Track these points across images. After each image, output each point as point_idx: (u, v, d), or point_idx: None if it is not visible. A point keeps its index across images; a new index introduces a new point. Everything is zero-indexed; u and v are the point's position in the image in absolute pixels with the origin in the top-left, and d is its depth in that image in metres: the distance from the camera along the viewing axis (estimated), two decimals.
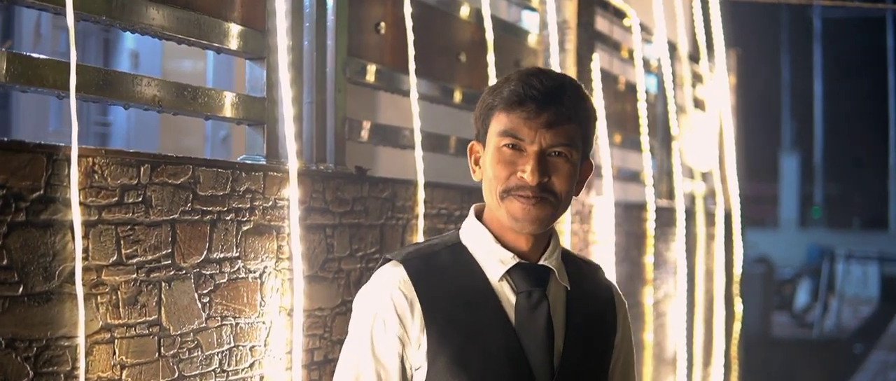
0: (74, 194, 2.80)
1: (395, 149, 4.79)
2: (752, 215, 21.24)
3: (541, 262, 2.31)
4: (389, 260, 2.31)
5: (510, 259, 2.28)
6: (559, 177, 2.23)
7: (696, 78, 9.89)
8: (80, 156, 2.83)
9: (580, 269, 2.44)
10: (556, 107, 2.21)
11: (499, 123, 2.24)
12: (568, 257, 2.42)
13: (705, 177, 10.05)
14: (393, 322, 2.23)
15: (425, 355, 2.21)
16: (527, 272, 2.29)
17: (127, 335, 3.01)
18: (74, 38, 2.91)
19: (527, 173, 2.20)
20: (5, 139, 2.69)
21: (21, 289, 2.69)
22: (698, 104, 9.97)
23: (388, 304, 2.24)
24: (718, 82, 10.37)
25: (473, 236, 2.34)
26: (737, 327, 10.65)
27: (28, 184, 2.71)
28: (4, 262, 2.64)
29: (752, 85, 15.26)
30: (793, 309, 22.91)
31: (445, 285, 2.27)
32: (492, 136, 2.26)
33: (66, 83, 2.93)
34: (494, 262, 2.29)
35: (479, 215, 2.37)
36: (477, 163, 2.36)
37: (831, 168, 36.23)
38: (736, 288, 10.64)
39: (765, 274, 17.94)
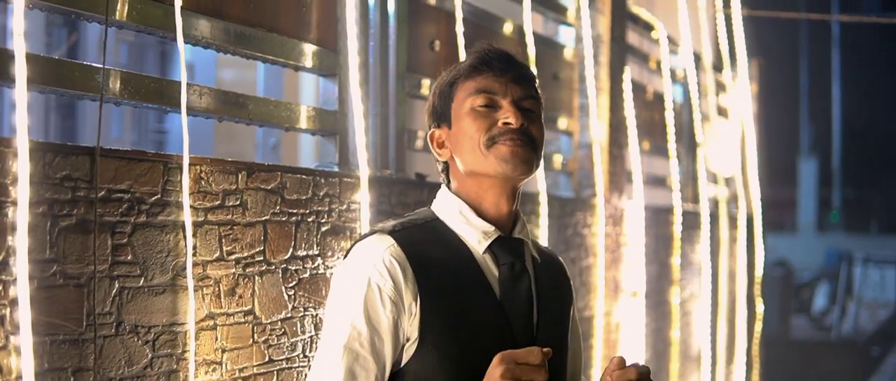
0: (186, 198, 3.19)
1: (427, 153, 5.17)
2: (771, 220, 21.50)
3: (515, 234, 2.39)
4: (372, 234, 2.33)
5: (493, 232, 2.34)
6: (535, 125, 2.35)
7: (720, 87, 10.21)
8: (189, 164, 3.23)
9: (536, 245, 2.52)
10: (516, 65, 2.38)
11: (467, 89, 2.36)
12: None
13: (728, 182, 10.35)
14: (388, 287, 2.23)
15: (418, 325, 2.24)
16: (505, 245, 2.35)
17: (227, 322, 3.40)
18: (184, 63, 3.29)
19: (509, 117, 2.29)
20: (129, 150, 3.09)
21: (142, 281, 3.08)
22: (722, 112, 10.28)
23: (381, 269, 2.24)
24: (741, 91, 10.68)
25: (450, 209, 2.39)
26: (758, 327, 10.94)
27: (148, 189, 3.10)
28: (129, 257, 3.04)
29: (773, 92, 15.53)
30: (811, 312, 22.98)
31: (433, 256, 2.30)
32: (462, 103, 2.36)
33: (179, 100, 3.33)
34: (477, 234, 2.34)
35: (454, 192, 2.42)
36: (441, 146, 2.44)
37: (849, 173, 36.29)
38: (757, 289, 10.93)
39: (783, 277, 18.18)
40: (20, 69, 2.72)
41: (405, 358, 2.26)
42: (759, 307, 10.95)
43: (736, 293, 10.16)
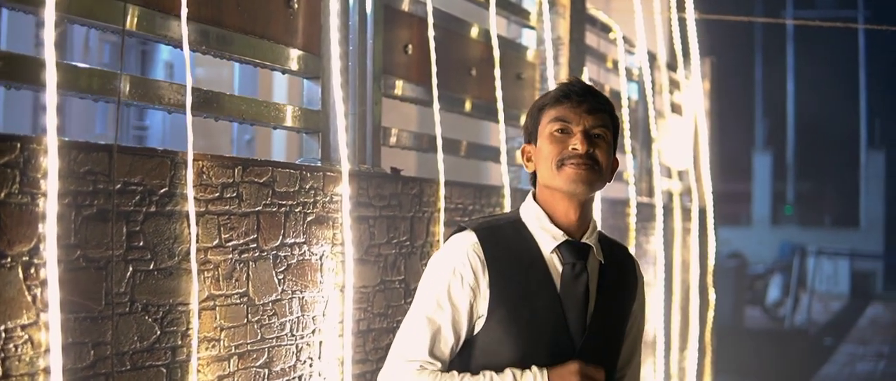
0: (190, 190, 3.55)
1: (412, 150, 5.53)
2: (725, 213, 21.87)
3: (583, 240, 2.81)
4: (463, 229, 2.82)
5: (561, 236, 2.78)
6: (601, 151, 2.75)
7: (674, 85, 10.55)
8: (193, 160, 3.58)
9: (612, 248, 2.94)
10: (592, 98, 2.78)
11: (549, 115, 2.78)
12: (603, 239, 2.93)
13: (682, 176, 10.69)
14: (469, 276, 2.71)
15: (487, 305, 2.71)
16: (572, 248, 2.78)
17: (225, 303, 3.77)
18: (188, 69, 3.65)
19: (577, 144, 2.71)
20: (142, 147, 3.45)
21: (152, 265, 3.44)
22: (676, 109, 10.62)
23: (464, 260, 2.73)
24: (694, 88, 11.04)
25: (531, 214, 2.82)
26: (711, 315, 11.23)
27: (157, 182, 3.46)
28: (141, 243, 3.40)
29: (727, 88, 15.88)
30: (765, 303, 23.13)
31: (507, 251, 2.77)
32: (544, 127, 2.78)
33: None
34: (547, 237, 2.78)
35: (535, 199, 2.86)
36: (529, 160, 2.87)
37: (803, 167, 36.48)
38: (710, 279, 11.21)
39: (738, 269, 18.52)
40: (50, 75, 3.07)
41: (477, 329, 2.75)
42: (712, 296, 11.23)
43: (689, 283, 10.51)
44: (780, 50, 36.29)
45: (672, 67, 10.53)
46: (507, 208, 5.92)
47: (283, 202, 4.08)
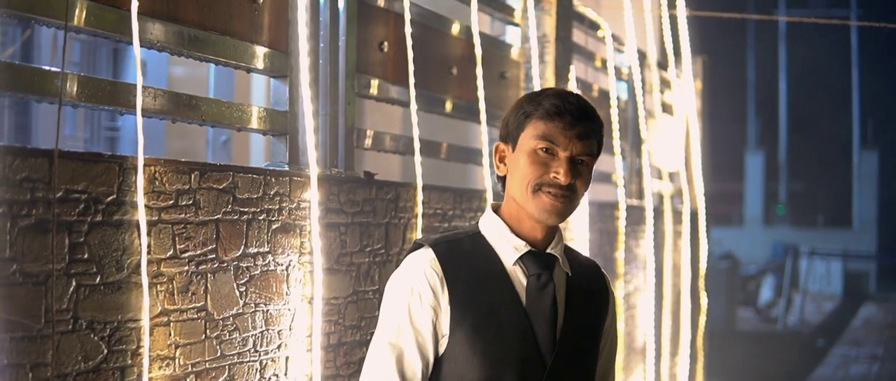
0: (140, 198, 3.30)
1: (388, 153, 5.28)
2: (717, 213, 21.74)
3: (548, 250, 2.68)
4: (420, 245, 2.67)
5: (523, 247, 2.64)
6: (582, 180, 2.61)
7: (665, 84, 10.38)
8: (144, 165, 3.33)
9: (578, 260, 2.82)
10: (587, 122, 2.61)
11: (536, 128, 2.59)
12: (570, 251, 2.81)
13: (673, 177, 10.51)
14: (427, 295, 2.57)
15: (449, 322, 2.56)
16: (536, 258, 2.65)
17: (180, 318, 3.51)
18: (139, 68, 3.39)
19: (560, 175, 2.56)
20: (86, 152, 3.19)
21: (98, 279, 3.19)
22: (666, 109, 10.46)
23: (422, 280, 2.59)
24: (685, 88, 10.85)
25: (491, 227, 2.69)
26: (702, 319, 11.09)
27: (104, 190, 3.21)
28: (86, 256, 3.14)
29: (719, 87, 15.71)
30: (757, 304, 23.15)
31: (467, 266, 2.63)
32: (527, 139, 2.61)
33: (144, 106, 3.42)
34: (509, 249, 2.65)
35: (496, 210, 2.73)
36: (502, 161, 2.72)
37: (796, 167, 36.54)
38: (701, 282, 11.08)
39: (730, 270, 18.36)
40: None
41: (441, 349, 2.59)
42: (704, 300, 11.10)
43: (680, 287, 10.34)
44: (772, 49, 36.27)
45: (663, 65, 10.31)
46: None
47: (246, 209, 3.83)
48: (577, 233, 7.17)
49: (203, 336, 3.62)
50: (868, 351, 17.63)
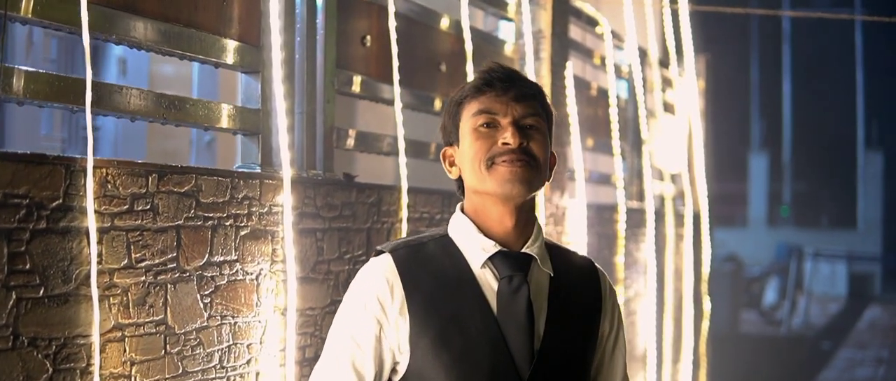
0: (90, 203, 3.02)
1: (372, 153, 5.01)
2: (721, 214, 21.53)
3: (523, 250, 2.43)
4: (381, 252, 2.45)
5: (491, 247, 2.39)
6: (536, 143, 2.39)
7: (666, 83, 10.14)
8: (94, 167, 3.06)
9: (566, 259, 2.55)
10: (519, 84, 2.42)
11: (471, 109, 2.42)
12: (555, 249, 2.54)
13: (675, 179, 10.30)
14: (373, 305, 2.36)
15: (408, 338, 2.34)
16: (507, 259, 2.40)
17: (136, 333, 3.24)
18: (88, 61, 3.12)
19: (508, 137, 2.35)
20: (28, 153, 2.91)
21: (42, 291, 2.91)
22: (668, 108, 10.23)
23: (370, 288, 2.37)
24: (687, 87, 10.61)
25: (458, 227, 2.46)
26: (705, 325, 10.87)
27: (48, 194, 2.93)
28: (27, 266, 2.87)
29: (722, 87, 15.51)
30: (761, 307, 23.11)
31: (429, 272, 2.39)
32: (466, 122, 2.42)
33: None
34: (477, 250, 2.40)
35: (464, 210, 2.49)
36: (452, 164, 2.51)
37: (800, 167, 36.43)
38: (704, 287, 10.86)
39: (733, 272, 18.20)
40: None
41: (403, 366, 2.36)
42: (707, 305, 10.88)
43: (682, 291, 10.09)
44: (776, 49, 36.10)
45: (664, 63, 10.05)
46: None
47: (210, 215, 3.55)
48: (575, 237, 6.93)
49: (162, 352, 3.35)
50: (873, 354, 17.44)
